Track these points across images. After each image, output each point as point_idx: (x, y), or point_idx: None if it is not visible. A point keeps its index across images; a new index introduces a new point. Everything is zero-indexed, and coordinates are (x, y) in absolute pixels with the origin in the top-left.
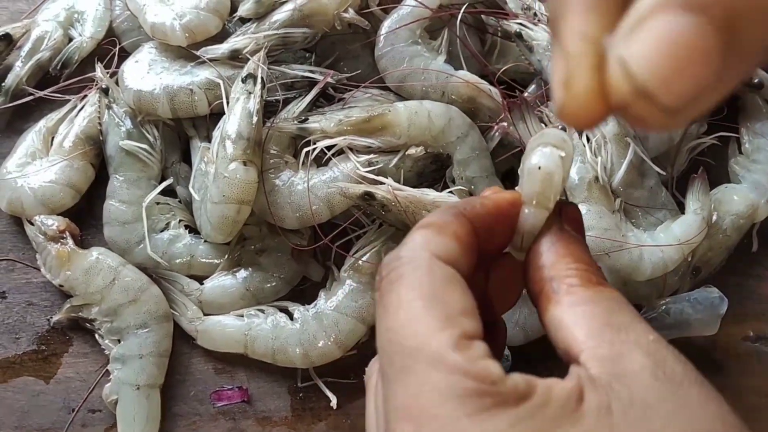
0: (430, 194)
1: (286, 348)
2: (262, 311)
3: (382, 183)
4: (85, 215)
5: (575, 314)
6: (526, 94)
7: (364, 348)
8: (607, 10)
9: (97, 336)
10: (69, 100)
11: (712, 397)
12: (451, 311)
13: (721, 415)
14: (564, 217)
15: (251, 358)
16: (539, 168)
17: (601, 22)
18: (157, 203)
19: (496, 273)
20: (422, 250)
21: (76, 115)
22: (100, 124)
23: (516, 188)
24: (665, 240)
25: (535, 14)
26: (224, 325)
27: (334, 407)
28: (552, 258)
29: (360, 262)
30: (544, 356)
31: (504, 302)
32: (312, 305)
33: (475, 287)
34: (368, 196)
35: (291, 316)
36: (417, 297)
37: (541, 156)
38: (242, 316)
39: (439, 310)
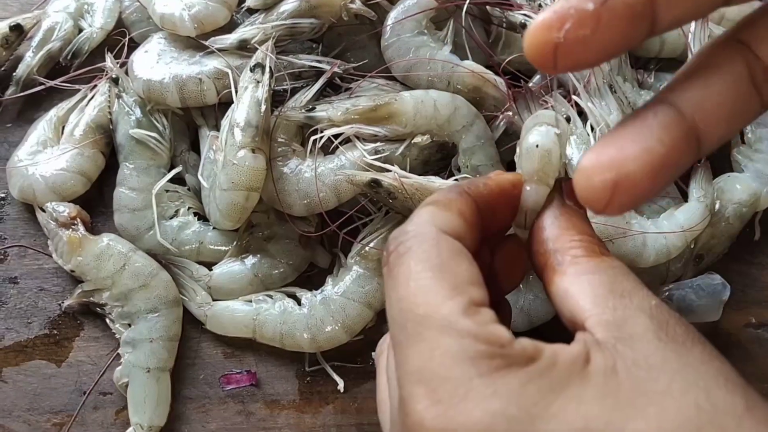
0: (435, 182)
1: (294, 333)
2: (270, 297)
3: (388, 171)
4: (95, 203)
5: (580, 283)
6: (530, 84)
7: (371, 333)
8: None
9: (107, 320)
10: (79, 90)
11: (715, 355)
12: (460, 280)
13: (724, 371)
14: (564, 192)
15: (260, 343)
16: (537, 146)
17: None
18: (167, 191)
19: (500, 252)
20: (429, 225)
21: (87, 105)
22: (110, 113)
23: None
24: (669, 227)
25: (540, 5)
26: (233, 310)
27: (341, 390)
28: (555, 231)
29: (367, 248)
30: (549, 342)
31: (509, 281)
32: (319, 291)
33: (480, 265)
34: (375, 184)
35: (299, 302)
36: (426, 268)
37: (538, 134)
38: (251, 301)
39: (447, 280)
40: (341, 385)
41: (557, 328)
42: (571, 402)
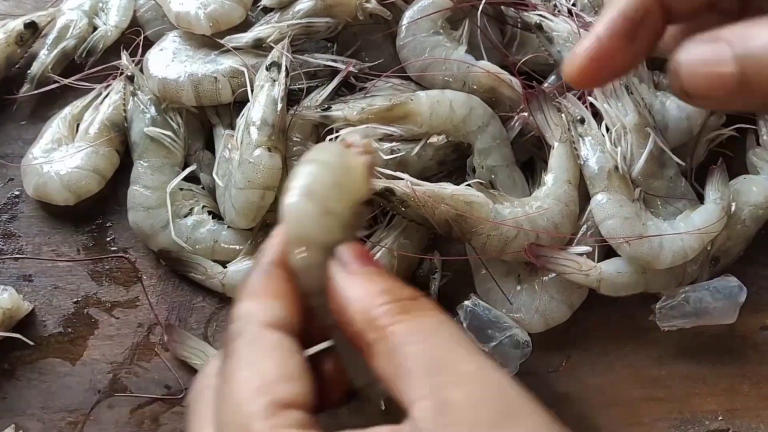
0: (447, 188)
1: None
2: None
3: (400, 179)
4: (109, 201)
5: (398, 362)
6: (545, 85)
7: None
8: None
9: None
10: (93, 88)
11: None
12: (268, 378)
13: None
14: (346, 258)
15: None
16: (289, 213)
17: None
18: (181, 189)
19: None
20: (249, 323)
21: (101, 103)
22: (125, 111)
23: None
24: (685, 229)
25: (555, 5)
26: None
27: (382, 408)
28: (356, 306)
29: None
30: (564, 343)
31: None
32: None
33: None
34: (389, 192)
35: None
36: (235, 367)
37: (288, 202)
38: None
39: (254, 379)
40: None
41: (573, 329)
42: None
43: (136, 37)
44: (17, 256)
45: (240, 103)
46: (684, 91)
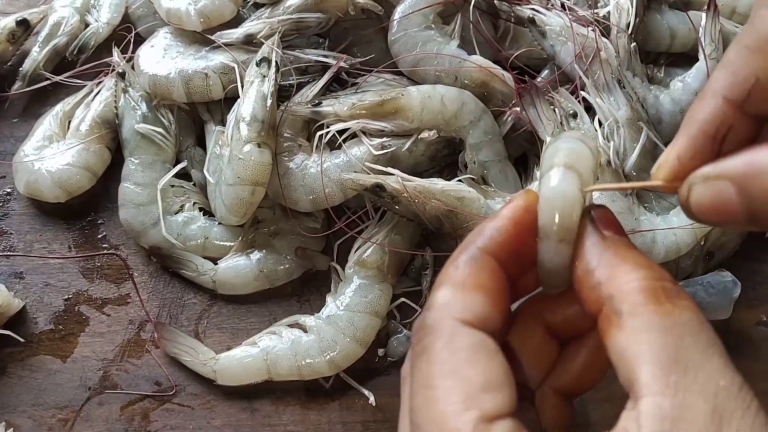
0: (438, 183)
1: (310, 361)
2: (274, 333)
3: (391, 174)
4: (101, 198)
5: (639, 343)
6: (539, 80)
7: None
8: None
9: None
10: (85, 85)
11: None
12: (473, 389)
13: None
14: (599, 222)
15: None
16: (555, 195)
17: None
18: (172, 186)
19: (573, 353)
20: (446, 317)
21: (93, 100)
22: (116, 108)
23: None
24: (678, 224)
25: (548, 0)
26: (240, 357)
27: (374, 404)
28: (606, 271)
29: (364, 256)
30: None
31: (585, 382)
32: (322, 312)
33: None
34: (378, 188)
35: (304, 329)
36: (436, 373)
37: (557, 180)
38: (255, 343)
39: (458, 390)
40: (372, 399)
41: None
42: None
43: (127, 33)
44: (8, 253)
45: (231, 99)
46: (695, 218)
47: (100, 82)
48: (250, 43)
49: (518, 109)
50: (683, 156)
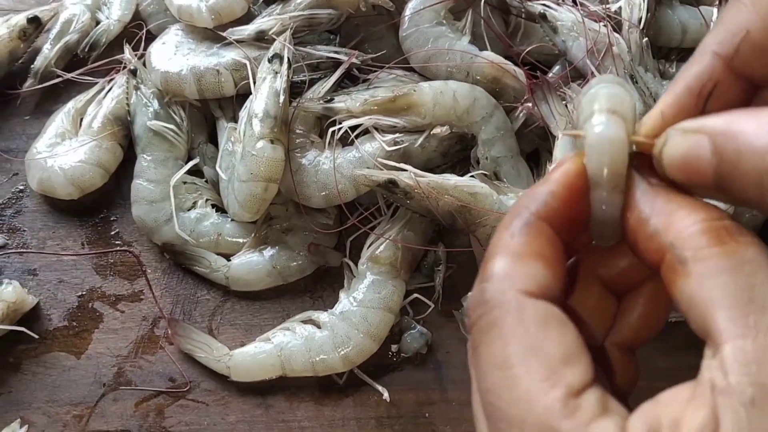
0: (451, 179)
1: (324, 357)
2: (288, 329)
3: (404, 170)
4: (113, 194)
5: (710, 289)
6: (550, 75)
7: None
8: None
9: None
10: (97, 82)
11: None
12: (553, 363)
13: None
14: (644, 169)
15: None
16: (602, 140)
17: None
18: (184, 182)
19: (632, 300)
20: (508, 291)
21: (104, 97)
22: (128, 105)
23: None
24: None
25: None
26: (254, 353)
27: (387, 400)
28: (662, 219)
29: (377, 252)
30: None
31: (647, 330)
32: (335, 308)
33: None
34: (391, 184)
35: (318, 325)
36: (511, 352)
37: (601, 124)
38: (268, 339)
39: (538, 366)
40: (386, 395)
41: None
42: None
43: (138, 30)
44: (22, 250)
45: (243, 95)
46: (665, 176)
47: (111, 79)
48: (262, 39)
49: (530, 104)
50: (667, 112)
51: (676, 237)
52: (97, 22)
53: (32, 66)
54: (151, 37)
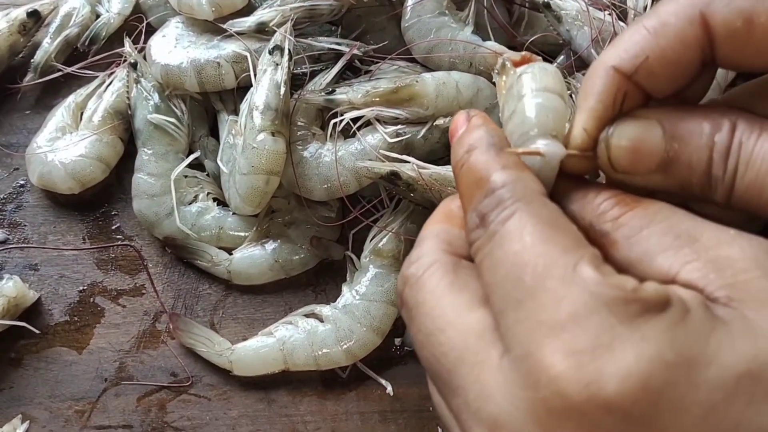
0: None
1: (326, 350)
2: (290, 323)
3: (406, 162)
4: (114, 189)
5: (638, 244)
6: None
7: None
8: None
9: None
10: (97, 76)
11: None
12: (576, 236)
13: None
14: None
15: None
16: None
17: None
18: (185, 176)
19: None
20: (528, 189)
21: (105, 90)
22: (128, 98)
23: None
24: None
25: None
26: (257, 347)
27: (391, 394)
28: (576, 205)
29: (380, 245)
30: None
31: None
32: (338, 301)
33: None
34: (394, 176)
35: (320, 319)
36: (539, 222)
37: (546, 149)
38: (271, 333)
39: (565, 234)
40: (389, 389)
41: None
42: (723, 345)
43: (138, 23)
44: (23, 245)
45: (243, 88)
46: (610, 163)
47: (112, 73)
48: (263, 31)
49: None
50: (589, 127)
51: (591, 215)
52: (97, 16)
53: (32, 60)
54: (151, 30)
